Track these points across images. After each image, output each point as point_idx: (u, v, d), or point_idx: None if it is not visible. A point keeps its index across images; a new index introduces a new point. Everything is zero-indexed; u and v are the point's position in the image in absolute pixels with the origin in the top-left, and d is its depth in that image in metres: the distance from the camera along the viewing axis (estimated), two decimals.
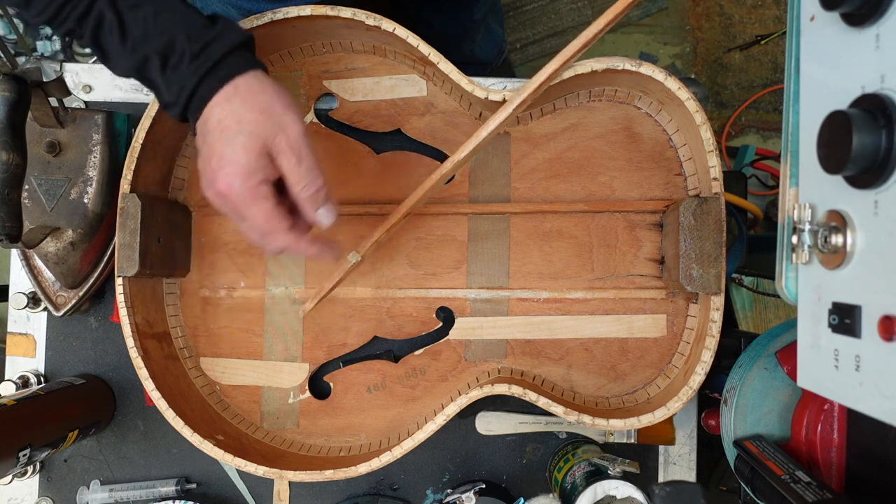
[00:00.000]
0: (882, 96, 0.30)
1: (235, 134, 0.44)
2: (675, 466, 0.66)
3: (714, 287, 0.51)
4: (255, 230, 0.47)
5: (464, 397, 0.55)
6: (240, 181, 0.44)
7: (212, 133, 0.45)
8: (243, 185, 0.45)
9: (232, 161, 0.44)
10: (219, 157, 0.44)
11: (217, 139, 0.44)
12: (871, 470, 0.43)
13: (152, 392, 0.56)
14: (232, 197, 0.45)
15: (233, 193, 0.45)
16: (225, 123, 0.44)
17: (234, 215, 0.47)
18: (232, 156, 0.44)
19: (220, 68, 0.45)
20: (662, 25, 1.49)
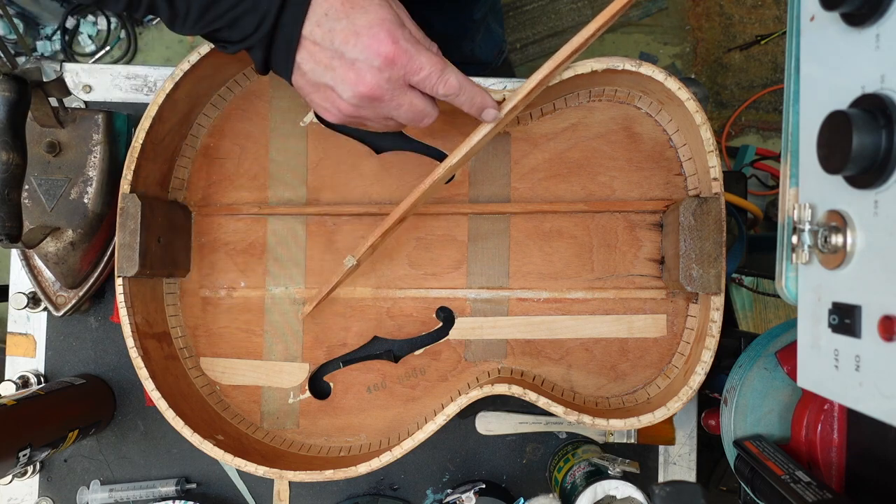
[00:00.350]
0: (882, 96, 0.30)
1: (368, 2, 0.43)
2: (675, 466, 0.66)
3: (714, 287, 0.51)
4: (433, 74, 0.45)
5: (464, 397, 0.55)
6: (400, 31, 0.43)
7: (339, 16, 0.42)
8: (405, 34, 0.43)
9: (383, 21, 0.43)
10: (368, 27, 0.42)
11: (352, 15, 0.42)
12: (871, 470, 0.43)
13: (152, 392, 0.56)
14: (400, 53, 0.43)
15: (400, 47, 0.43)
16: (352, 0, 0.42)
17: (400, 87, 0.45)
18: (380, 17, 0.42)
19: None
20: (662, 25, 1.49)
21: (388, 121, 0.48)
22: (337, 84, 0.44)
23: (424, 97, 0.47)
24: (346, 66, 0.43)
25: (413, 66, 0.44)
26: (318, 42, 0.43)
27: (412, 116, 0.47)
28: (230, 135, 0.63)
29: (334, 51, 0.43)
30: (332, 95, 0.46)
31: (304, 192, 0.63)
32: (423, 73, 0.44)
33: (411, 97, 0.46)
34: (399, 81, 0.45)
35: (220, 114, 0.63)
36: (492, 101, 0.49)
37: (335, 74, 0.44)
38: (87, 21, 1.52)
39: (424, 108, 0.47)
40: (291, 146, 0.63)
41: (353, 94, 0.45)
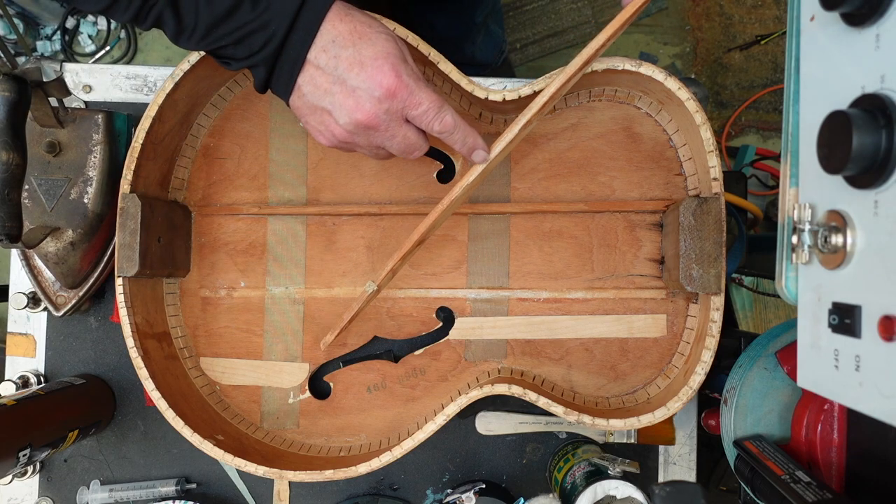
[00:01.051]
0: (882, 96, 0.30)
1: (374, 35, 0.44)
2: (675, 466, 0.66)
3: (714, 287, 0.51)
4: (430, 110, 0.46)
5: (464, 397, 0.55)
6: (403, 66, 0.44)
7: (346, 45, 0.44)
8: (407, 70, 0.45)
9: (389, 54, 0.44)
10: (373, 58, 0.43)
11: (360, 45, 0.44)
12: (871, 470, 0.43)
13: (152, 392, 0.56)
14: (402, 87, 0.44)
15: (402, 82, 0.44)
16: (357, 30, 0.44)
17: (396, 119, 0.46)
18: (387, 51, 0.44)
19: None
20: (662, 25, 1.49)
21: (379, 150, 0.49)
22: (335, 109, 0.45)
23: (418, 131, 0.48)
24: (346, 93, 0.44)
25: (412, 100, 0.45)
26: (321, 67, 0.44)
27: (404, 148, 0.48)
28: (230, 135, 0.63)
29: (337, 77, 0.44)
30: (329, 120, 0.46)
31: (304, 192, 0.63)
32: (421, 109, 0.46)
33: (406, 130, 0.47)
34: (397, 114, 0.46)
35: (220, 114, 0.63)
36: (482, 143, 0.50)
37: (334, 99, 0.45)
38: (87, 21, 1.52)
39: (416, 142, 0.48)
40: (291, 146, 0.63)
41: (350, 121, 0.45)
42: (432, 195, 0.62)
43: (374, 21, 0.46)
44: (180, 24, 0.45)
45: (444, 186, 0.62)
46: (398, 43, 0.45)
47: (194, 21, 0.45)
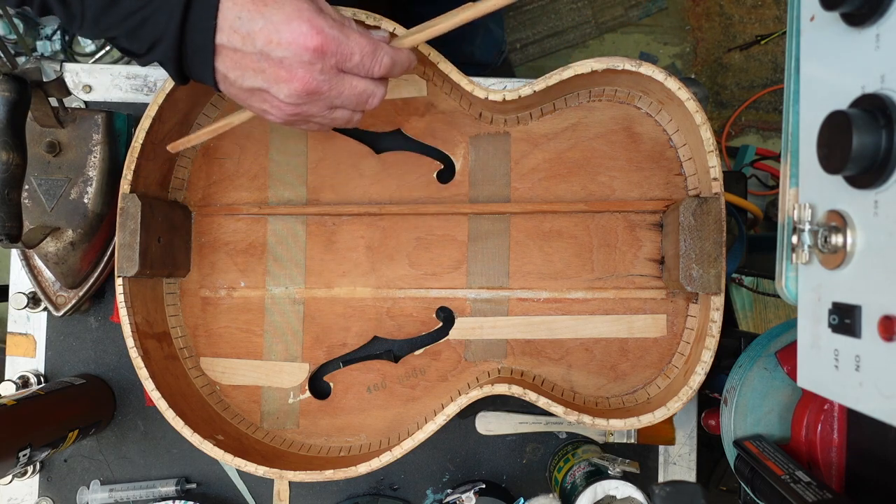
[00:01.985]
0: (882, 96, 0.30)
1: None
2: (675, 466, 0.66)
3: (714, 287, 0.51)
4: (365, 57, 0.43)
5: (464, 397, 0.55)
6: (322, 18, 0.41)
7: (256, 19, 0.40)
8: (326, 21, 0.41)
9: (302, 10, 0.40)
10: (287, 22, 0.40)
11: (268, 14, 0.40)
12: (871, 470, 0.43)
13: (152, 392, 0.56)
14: (328, 41, 0.41)
15: (326, 35, 0.41)
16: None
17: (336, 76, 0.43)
18: (298, 8, 0.40)
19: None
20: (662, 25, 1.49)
21: (334, 111, 0.46)
22: (270, 86, 0.43)
23: (364, 79, 0.45)
24: (275, 66, 0.41)
25: (344, 52, 0.42)
26: (238, 48, 0.41)
27: (356, 101, 0.45)
28: (230, 135, 0.63)
29: (259, 53, 0.41)
30: (269, 97, 0.44)
31: (304, 192, 0.63)
32: (355, 59, 0.43)
33: (350, 81, 0.44)
34: (332, 70, 0.43)
35: (220, 114, 0.63)
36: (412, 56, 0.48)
37: (266, 76, 0.42)
38: None
39: (366, 89, 0.45)
40: (291, 146, 0.63)
41: (290, 93, 0.43)
42: (432, 195, 0.62)
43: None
44: (68, 11, 0.42)
45: (444, 186, 0.62)
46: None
47: (80, 8, 0.42)
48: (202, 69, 0.42)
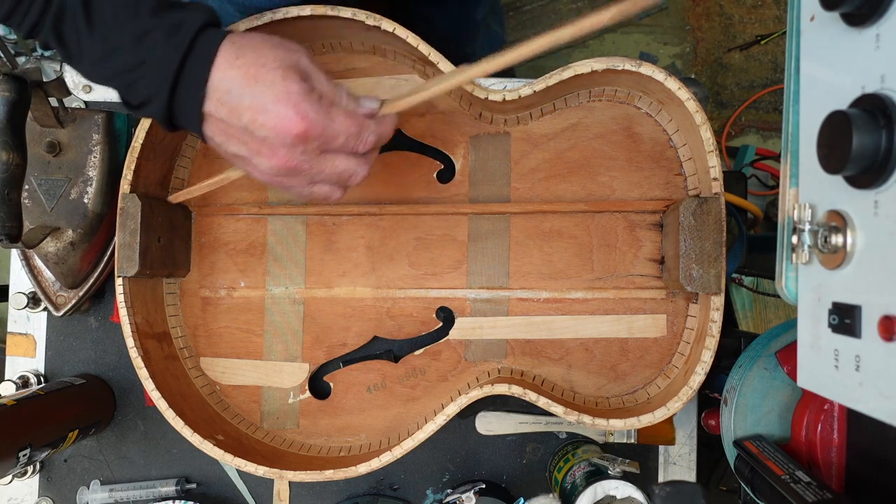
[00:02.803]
0: (882, 96, 0.30)
1: (272, 74, 0.41)
2: (675, 466, 0.66)
3: (714, 287, 0.51)
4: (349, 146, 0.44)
5: (464, 397, 0.55)
6: (310, 104, 0.41)
7: (245, 95, 0.41)
8: (315, 106, 0.41)
9: (290, 94, 0.41)
10: (274, 105, 0.40)
11: (257, 93, 0.40)
12: (871, 470, 0.43)
13: (152, 392, 0.56)
14: (312, 127, 0.41)
15: (312, 121, 0.41)
16: (251, 74, 0.41)
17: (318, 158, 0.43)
18: (286, 91, 0.41)
19: (202, 43, 0.41)
20: (662, 25, 1.49)
21: (315, 185, 0.46)
22: (252, 157, 0.43)
23: (349, 157, 0.45)
24: (257, 143, 0.42)
25: (328, 135, 0.43)
26: (224, 119, 0.42)
27: (337, 179, 0.46)
28: None
29: (243, 128, 0.42)
30: (250, 165, 0.44)
31: None
32: (339, 141, 0.43)
33: (332, 160, 0.44)
34: (315, 151, 0.43)
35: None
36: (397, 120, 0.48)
37: (248, 148, 0.43)
38: None
39: (348, 168, 0.45)
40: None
41: (270, 168, 0.43)
42: (432, 195, 0.62)
43: (268, 53, 0.42)
44: (67, 52, 0.43)
45: (444, 186, 0.62)
46: (298, 69, 0.42)
47: (78, 53, 0.42)
48: (191, 128, 0.44)
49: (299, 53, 0.43)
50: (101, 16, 0.41)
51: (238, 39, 0.42)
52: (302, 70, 0.43)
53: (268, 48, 0.42)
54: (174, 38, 0.41)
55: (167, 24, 0.41)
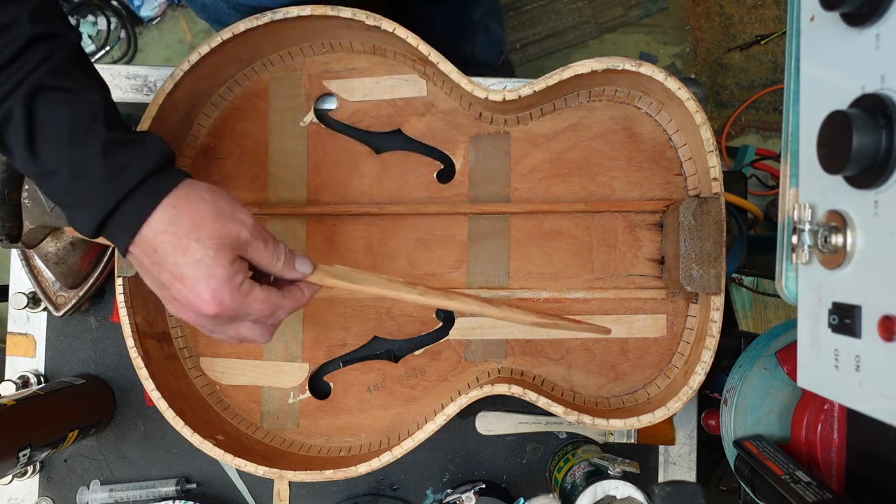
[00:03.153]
0: (882, 96, 0.30)
1: (202, 251, 0.41)
2: (675, 466, 0.66)
3: (714, 287, 0.51)
4: (258, 321, 0.46)
5: (464, 397, 0.55)
6: (228, 291, 0.42)
7: (169, 260, 0.41)
8: (233, 294, 0.43)
9: (212, 278, 0.41)
10: (193, 281, 0.41)
11: (182, 263, 0.41)
12: (871, 470, 0.43)
13: (152, 392, 0.56)
14: (226, 310, 0.43)
15: (226, 307, 0.43)
16: (182, 245, 0.41)
17: (224, 326, 0.45)
18: (209, 274, 0.41)
19: (143, 192, 0.41)
20: (662, 25, 1.49)
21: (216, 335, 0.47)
22: (163, 299, 0.45)
23: (254, 324, 0.46)
24: (170, 297, 0.44)
25: (238, 314, 0.44)
26: (145, 266, 0.43)
27: (241, 340, 0.47)
28: (230, 135, 0.63)
29: (161, 282, 0.43)
30: (162, 299, 0.45)
31: (304, 192, 0.63)
32: (250, 318, 0.45)
33: (237, 328, 0.46)
34: (223, 323, 0.45)
35: (220, 114, 0.63)
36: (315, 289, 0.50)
37: (161, 295, 0.45)
38: (86, 21, 1.52)
39: (248, 337, 0.47)
40: (291, 146, 0.63)
41: (176, 314, 0.45)
42: (432, 195, 0.62)
43: (207, 226, 0.42)
44: (13, 159, 0.43)
45: (444, 186, 0.62)
46: (234, 246, 0.43)
47: (22, 164, 0.42)
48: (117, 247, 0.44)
49: (241, 226, 0.43)
50: (43, 137, 0.41)
51: (180, 204, 0.41)
52: (240, 245, 0.43)
53: (209, 220, 0.42)
54: (113, 182, 0.40)
55: (112, 166, 0.41)
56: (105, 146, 0.41)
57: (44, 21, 0.42)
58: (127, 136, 0.42)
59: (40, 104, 0.40)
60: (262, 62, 0.62)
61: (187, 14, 1.47)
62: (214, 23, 0.71)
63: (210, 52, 0.56)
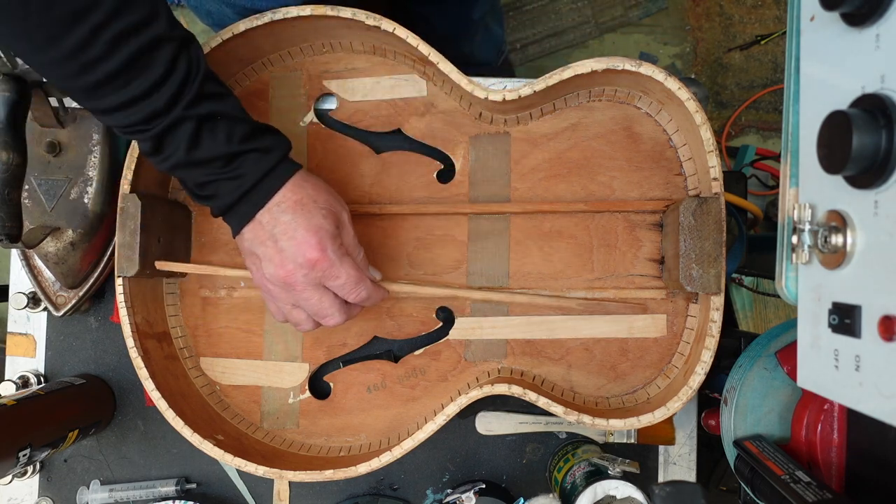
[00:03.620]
0: (882, 96, 0.30)
1: (317, 211, 0.49)
2: (675, 466, 0.66)
3: (714, 287, 0.51)
4: (347, 284, 0.51)
5: (464, 397, 0.55)
6: (331, 242, 0.49)
7: (286, 212, 0.49)
8: (334, 246, 0.50)
9: (321, 229, 0.49)
10: (305, 229, 0.48)
11: (299, 216, 0.49)
12: (871, 470, 0.43)
13: (152, 392, 0.56)
14: (324, 260, 0.49)
15: (326, 256, 0.49)
16: (303, 202, 0.49)
17: (312, 288, 0.50)
18: (320, 226, 0.49)
19: (283, 167, 0.50)
20: (662, 25, 1.49)
21: (295, 309, 0.53)
22: (264, 259, 0.50)
23: (334, 301, 0.52)
24: (275, 250, 0.49)
25: (331, 272, 0.50)
26: (262, 223, 0.49)
27: (315, 311, 0.52)
28: None
29: (271, 234, 0.49)
30: (259, 264, 0.51)
31: None
32: (339, 282, 0.51)
33: (321, 296, 0.51)
34: (315, 280, 0.50)
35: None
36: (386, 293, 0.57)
37: (265, 251, 0.50)
38: None
39: (327, 310, 0.52)
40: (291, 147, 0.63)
41: (272, 274, 0.50)
42: (432, 195, 0.62)
43: (322, 195, 0.50)
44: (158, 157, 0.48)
45: (444, 186, 0.62)
46: (337, 219, 0.51)
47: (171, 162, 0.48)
48: (235, 226, 0.51)
49: (344, 210, 0.52)
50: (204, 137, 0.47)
51: (306, 176, 0.51)
52: (339, 221, 0.51)
53: (323, 192, 0.51)
54: (264, 159, 0.48)
55: (260, 146, 0.49)
56: (253, 133, 0.49)
57: (179, 25, 0.46)
58: (263, 124, 0.50)
59: (203, 110, 0.46)
60: (262, 62, 0.62)
61: (187, 14, 1.47)
62: (218, 28, 0.71)
63: (210, 52, 0.56)
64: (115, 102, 0.44)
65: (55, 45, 0.40)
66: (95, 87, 0.43)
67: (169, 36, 0.44)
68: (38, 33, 0.40)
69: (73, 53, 0.41)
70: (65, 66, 0.41)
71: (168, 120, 0.45)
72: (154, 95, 0.44)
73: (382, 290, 0.56)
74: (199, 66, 0.46)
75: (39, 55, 0.41)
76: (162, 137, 0.46)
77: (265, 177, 0.48)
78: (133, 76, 0.43)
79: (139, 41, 0.42)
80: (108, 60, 0.41)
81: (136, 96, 0.44)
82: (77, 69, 0.41)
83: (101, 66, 0.41)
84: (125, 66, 0.42)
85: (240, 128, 0.48)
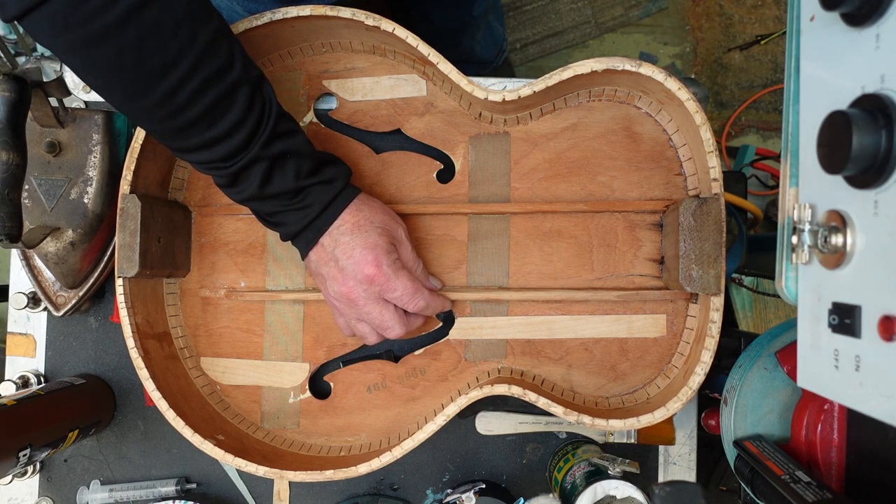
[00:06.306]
0: (882, 96, 0.30)
1: (373, 230, 0.53)
2: (675, 466, 0.67)
3: (714, 287, 0.51)
4: (404, 296, 0.54)
5: (464, 397, 0.55)
6: (386, 257, 0.53)
7: (345, 234, 0.53)
8: (389, 261, 0.53)
9: (376, 246, 0.53)
10: (362, 248, 0.52)
11: (357, 236, 0.52)
12: (871, 470, 0.43)
13: (152, 392, 0.56)
14: (380, 275, 0.53)
15: (382, 271, 0.53)
16: (360, 224, 0.53)
17: (373, 302, 0.54)
18: (375, 244, 0.53)
19: (344, 195, 0.54)
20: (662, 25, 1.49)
21: (360, 323, 0.56)
22: (328, 279, 0.54)
23: (395, 314, 0.55)
24: (336, 270, 0.53)
25: (388, 286, 0.53)
26: (324, 246, 0.53)
27: (378, 324, 0.55)
28: None
29: (333, 255, 0.53)
30: (325, 284, 0.55)
31: None
32: (396, 294, 0.54)
33: (381, 308, 0.54)
34: (374, 295, 0.54)
35: None
36: (449, 303, 0.60)
37: (329, 271, 0.54)
38: None
39: (388, 322, 0.55)
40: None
41: (336, 291, 0.54)
42: (432, 195, 0.62)
43: (377, 216, 0.54)
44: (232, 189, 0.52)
45: (444, 186, 0.62)
46: (392, 236, 0.55)
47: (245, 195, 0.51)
48: (301, 247, 0.55)
49: (400, 227, 0.56)
50: (276, 173, 0.51)
51: (364, 199, 0.55)
52: (396, 238, 0.55)
53: (379, 213, 0.55)
54: (327, 190, 0.53)
55: (325, 178, 0.52)
56: (318, 166, 0.53)
57: (253, 65, 0.49)
58: (327, 155, 0.55)
59: (276, 150, 0.49)
60: (262, 62, 0.62)
61: None
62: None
63: None
64: (198, 143, 0.47)
65: (146, 96, 0.43)
66: (181, 130, 0.46)
67: (245, 79, 0.47)
68: (131, 86, 0.43)
69: (163, 101, 0.44)
70: (154, 112, 0.45)
71: (245, 160, 0.48)
72: (234, 136, 0.47)
73: (442, 299, 0.59)
74: (272, 106, 0.49)
75: (132, 104, 0.44)
76: (238, 174, 0.50)
77: (328, 206, 0.52)
78: (215, 119, 0.46)
79: (220, 88, 0.45)
80: (193, 107, 0.44)
81: (217, 137, 0.47)
82: (165, 115, 0.45)
83: (187, 112, 0.45)
84: (208, 110, 0.45)
85: (307, 163, 0.51)
